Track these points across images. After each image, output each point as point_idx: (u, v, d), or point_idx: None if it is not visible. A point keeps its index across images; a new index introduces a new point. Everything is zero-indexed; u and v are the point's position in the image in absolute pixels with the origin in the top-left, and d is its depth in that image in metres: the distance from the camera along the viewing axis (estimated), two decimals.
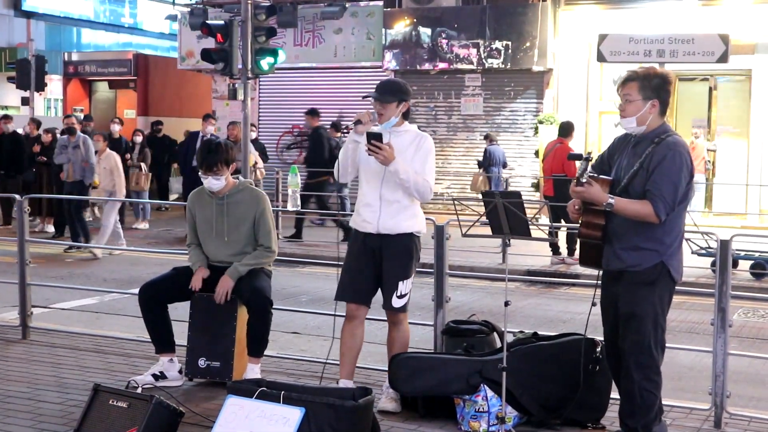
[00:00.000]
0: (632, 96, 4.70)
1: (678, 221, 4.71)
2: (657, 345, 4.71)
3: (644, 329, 4.67)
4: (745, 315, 9.81)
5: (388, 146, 5.26)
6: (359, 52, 21.03)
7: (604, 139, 19.15)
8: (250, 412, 4.67)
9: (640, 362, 4.68)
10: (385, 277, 5.50)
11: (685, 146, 4.68)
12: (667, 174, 4.56)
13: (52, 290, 9.61)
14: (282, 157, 21.84)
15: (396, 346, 5.61)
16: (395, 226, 5.45)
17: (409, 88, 5.66)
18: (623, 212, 4.63)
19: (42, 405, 5.59)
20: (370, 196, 5.50)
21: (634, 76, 4.73)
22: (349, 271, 5.59)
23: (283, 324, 8.29)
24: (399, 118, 5.51)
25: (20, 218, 7.49)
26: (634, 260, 4.68)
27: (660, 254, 4.66)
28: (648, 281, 4.67)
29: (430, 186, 5.42)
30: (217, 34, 13.66)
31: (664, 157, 4.58)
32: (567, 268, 12.52)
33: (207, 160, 5.91)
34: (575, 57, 19.14)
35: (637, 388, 4.70)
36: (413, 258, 5.53)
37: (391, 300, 5.49)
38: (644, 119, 4.69)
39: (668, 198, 4.55)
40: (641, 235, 4.65)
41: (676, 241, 4.72)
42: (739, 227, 16.19)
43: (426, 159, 5.46)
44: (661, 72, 4.80)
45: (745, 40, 17.37)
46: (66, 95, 28.39)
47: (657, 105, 4.68)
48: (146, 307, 6.00)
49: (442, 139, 20.62)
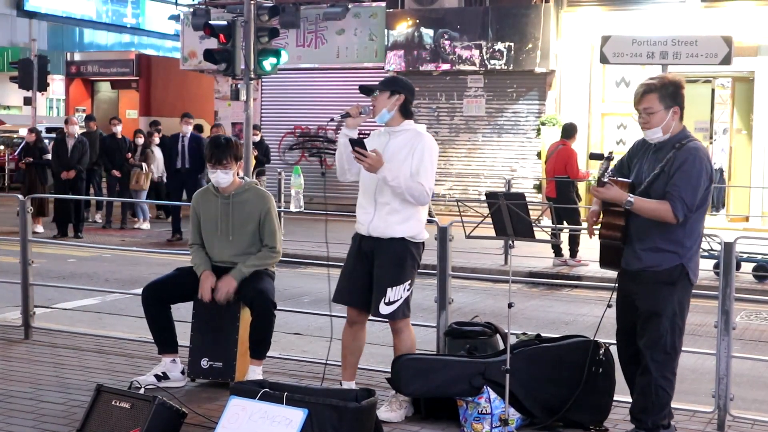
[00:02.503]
0: (654, 107, 4.78)
1: (698, 225, 4.81)
2: (674, 344, 4.80)
3: (662, 327, 4.76)
4: (747, 317, 9.80)
5: (373, 153, 5.13)
6: (362, 53, 21.03)
7: (606, 141, 19.15)
8: (252, 413, 4.67)
9: (656, 359, 4.78)
10: (375, 283, 5.36)
11: (704, 151, 4.78)
12: (687, 177, 4.65)
13: (54, 290, 9.61)
14: (284, 157, 21.84)
15: (397, 352, 5.50)
16: (386, 230, 5.31)
17: (408, 83, 5.45)
18: (642, 211, 4.70)
19: (44, 405, 5.59)
20: (365, 198, 5.43)
21: (653, 87, 4.80)
22: (345, 274, 5.54)
23: (286, 325, 8.28)
24: (395, 113, 5.34)
25: (22, 218, 7.49)
26: (655, 261, 4.76)
27: (680, 256, 4.76)
28: (668, 281, 4.76)
29: (425, 189, 5.21)
30: (219, 35, 13.67)
31: (685, 160, 4.68)
32: (569, 270, 12.51)
33: (216, 153, 5.91)
34: (578, 58, 19.13)
35: (653, 385, 4.79)
36: (405, 265, 5.34)
37: (379, 306, 5.33)
38: (668, 127, 4.80)
39: (687, 200, 4.64)
40: (662, 236, 4.74)
41: (695, 245, 4.83)
42: (742, 229, 16.19)
43: (422, 160, 5.23)
44: (674, 79, 4.88)
45: (748, 42, 17.36)
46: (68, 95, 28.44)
47: (678, 111, 4.79)
48: (149, 308, 5.99)
49: (444, 140, 20.61)
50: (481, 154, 20.42)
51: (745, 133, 18.68)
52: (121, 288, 10.38)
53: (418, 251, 5.45)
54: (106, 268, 12.56)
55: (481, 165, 20.40)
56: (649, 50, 14.34)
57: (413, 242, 5.38)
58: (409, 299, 5.43)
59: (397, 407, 5.43)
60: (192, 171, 15.04)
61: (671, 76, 4.92)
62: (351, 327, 5.57)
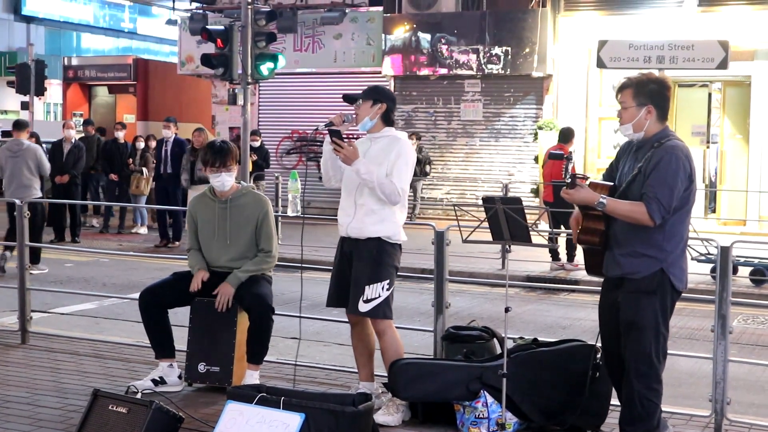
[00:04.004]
0: (627, 103, 4.70)
1: (679, 228, 4.65)
2: (658, 354, 4.67)
3: (645, 338, 4.63)
4: (744, 321, 9.80)
5: (348, 144, 5.27)
6: (359, 57, 21.04)
7: (603, 145, 19.16)
8: (249, 417, 4.67)
9: (640, 371, 4.65)
10: (352, 281, 5.46)
11: (684, 150, 4.62)
12: (662, 177, 4.51)
13: (51, 295, 9.60)
14: (281, 162, 21.84)
15: (384, 357, 5.54)
16: (362, 230, 5.43)
17: (390, 93, 5.66)
18: (616, 212, 4.58)
19: (41, 410, 5.58)
20: (347, 201, 5.55)
21: (629, 83, 4.74)
22: (333, 277, 5.66)
23: (283, 329, 8.28)
24: (377, 120, 5.49)
25: (20, 223, 7.49)
26: (633, 267, 4.63)
27: (659, 261, 4.60)
28: (648, 290, 4.62)
29: (397, 189, 5.32)
30: (217, 39, 13.68)
31: (660, 159, 4.55)
32: (567, 274, 12.51)
33: (220, 157, 5.92)
34: (575, 63, 19.15)
35: (637, 396, 4.67)
36: (381, 263, 5.42)
37: (357, 303, 5.41)
38: (640, 126, 4.67)
39: (663, 200, 4.49)
40: (641, 241, 4.60)
41: (677, 249, 4.66)
42: (739, 233, 16.20)
43: (396, 161, 5.37)
44: (657, 78, 4.80)
45: (745, 46, 17.39)
46: (66, 100, 28.41)
47: (653, 111, 4.66)
48: (146, 312, 6.00)
49: (441, 144, 20.62)
50: (479, 158, 20.43)
51: (740, 137, 18.71)
52: (119, 293, 10.37)
53: (395, 252, 5.52)
54: (103, 273, 12.55)
55: (478, 169, 20.40)
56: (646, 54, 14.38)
57: (389, 242, 5.47)
58: (389, 300, 5.48)
59: (394, 411, 5.43)
60: (174, 176, 14.79)
61: (657, 75, 4.83)
62: (353, 329, 5.66)
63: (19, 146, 12.09)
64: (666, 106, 4.72)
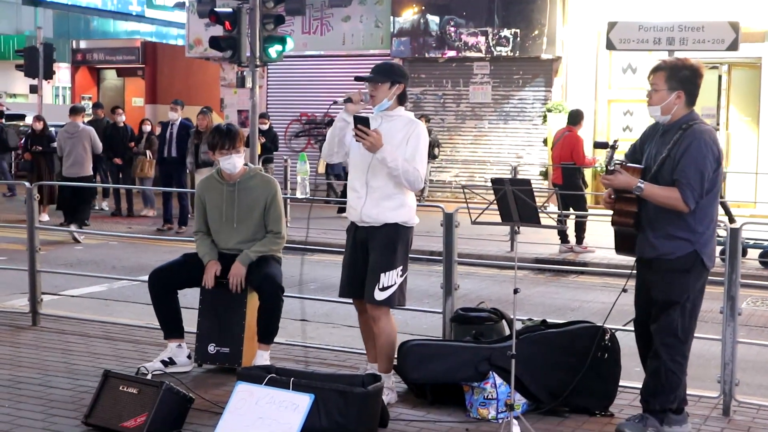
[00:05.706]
0: (659, 85, 4.79)
1: (709, 210, 4.79)
2: (685, 330, 4.80)
3: (675, 314, 4.76)
4: (753, 304, 9.79)
5: (375, 133, 5.16)
6: (367, 39, 20.99)
7: (613, 128, 19.10)
8: (259, 398, 4.69)
9: (666, 343, 4.78)
10: (369, 269, 5.37)
11: (711, 134, 4.73)
12: (693, 162, 4.63)
13: (61, 277, 9.65)
14: (290, 145, 21.84)
15: (377, 342, 5.46)
16: (379, 216, 5.32)
17: (404, 71, 5.54)
18: (652, 197, 4.69)
19: (53, 391, 5.62)
20: (357, 182, 5.43)
21: (663, 66, 4.83)
22: (345, 267, 5.58)
23: (292, 311, 8.31)
24: (393, 101, 5.39)
25: (29, 205, 7.51)
26: (668, 248, 4.75)
27: (692, 243, 4.74)
28: (682, 269, 4.75)
29: (420, 175, 5.26)
30: (225, 22, 13.66)
31: (689, 144, 4.65)
32: (575, 257, 12.50)
33: (228, 139, 5.93)
34: (584, 45, 19.06)
35: (663, 368, 4.80)
36: (397, 249, 5.35)
37: (373, 292, 5.32)
38: (669, 109, 4.77)
39: (696, 186, 4.62)
40: (674, 223, 4.73)
41: (708, 230, 4.80)
42: (749, 216, 16.13)
43: (417, 146, 5.28)
44: (692, 64, 4.84)
45: (756, 27, 17.27)
46: (74, 83, 28.43)
47: (683, 96, 4.76)
48: (156, 293, 6.02)
49: (450, 127, 20.58)
50: (487, 140, 20.39)
51: (749, 119, 18.60)
52: (128, 275, 10.41)
53: (410, 236, 5.49)
54: (113, 255, 12.60)
55: (487, 152, 20.37)
56: (656, 36, 14.29)
57: (405, 227, 5.41)
58: (404, 287, 5.43)
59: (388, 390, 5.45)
60: (179, 160, 14.58)
61: (692, 61, 4.85)
62: (361, 316, 5.64)
63: (76, 128, 14.31)
64: (696, 92, 4.82)
